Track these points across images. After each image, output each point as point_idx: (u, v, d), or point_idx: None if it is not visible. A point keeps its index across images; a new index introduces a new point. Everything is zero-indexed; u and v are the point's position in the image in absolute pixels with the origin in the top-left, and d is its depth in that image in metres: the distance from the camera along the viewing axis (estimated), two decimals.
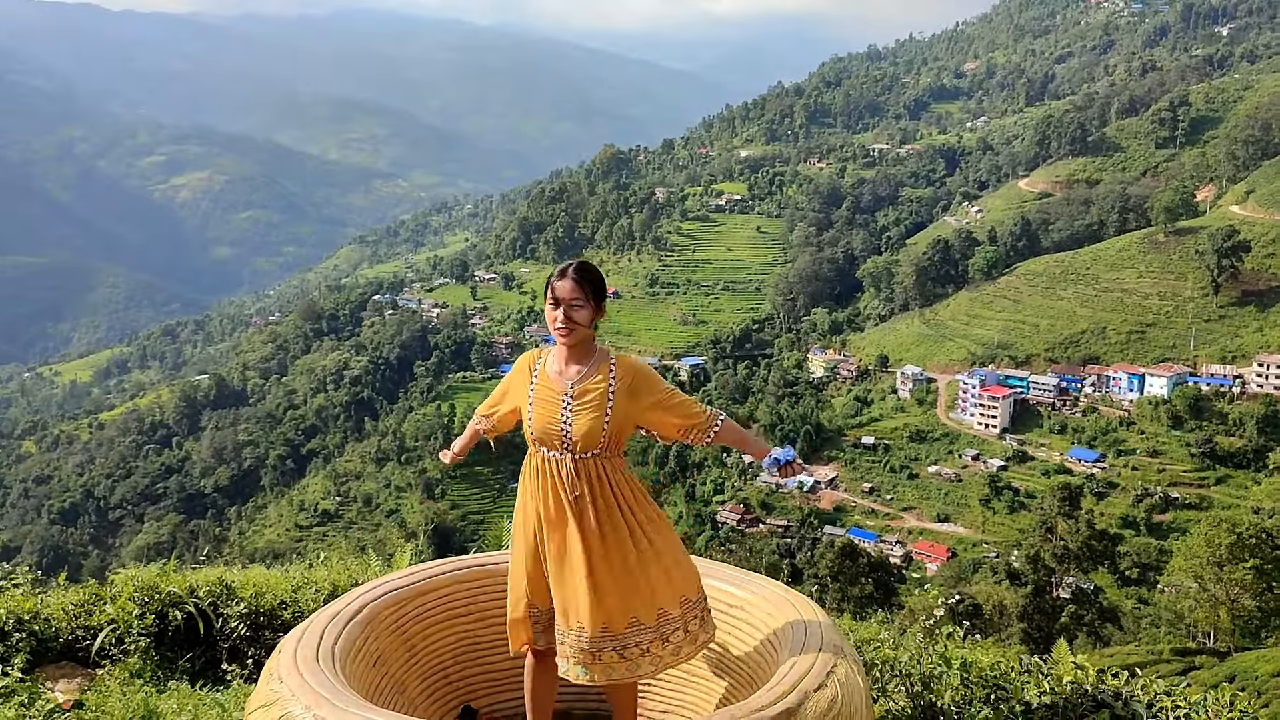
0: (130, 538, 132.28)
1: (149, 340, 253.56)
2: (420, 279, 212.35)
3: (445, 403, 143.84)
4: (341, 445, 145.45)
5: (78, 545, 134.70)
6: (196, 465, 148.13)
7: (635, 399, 4.83)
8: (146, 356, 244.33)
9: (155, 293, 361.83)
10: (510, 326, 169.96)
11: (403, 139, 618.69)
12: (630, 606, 4.58)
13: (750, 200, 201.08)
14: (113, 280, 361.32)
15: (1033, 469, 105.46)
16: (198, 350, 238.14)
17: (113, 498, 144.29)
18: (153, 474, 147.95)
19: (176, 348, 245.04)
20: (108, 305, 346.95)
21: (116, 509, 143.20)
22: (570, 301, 4.89)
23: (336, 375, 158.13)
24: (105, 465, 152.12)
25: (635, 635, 4.57)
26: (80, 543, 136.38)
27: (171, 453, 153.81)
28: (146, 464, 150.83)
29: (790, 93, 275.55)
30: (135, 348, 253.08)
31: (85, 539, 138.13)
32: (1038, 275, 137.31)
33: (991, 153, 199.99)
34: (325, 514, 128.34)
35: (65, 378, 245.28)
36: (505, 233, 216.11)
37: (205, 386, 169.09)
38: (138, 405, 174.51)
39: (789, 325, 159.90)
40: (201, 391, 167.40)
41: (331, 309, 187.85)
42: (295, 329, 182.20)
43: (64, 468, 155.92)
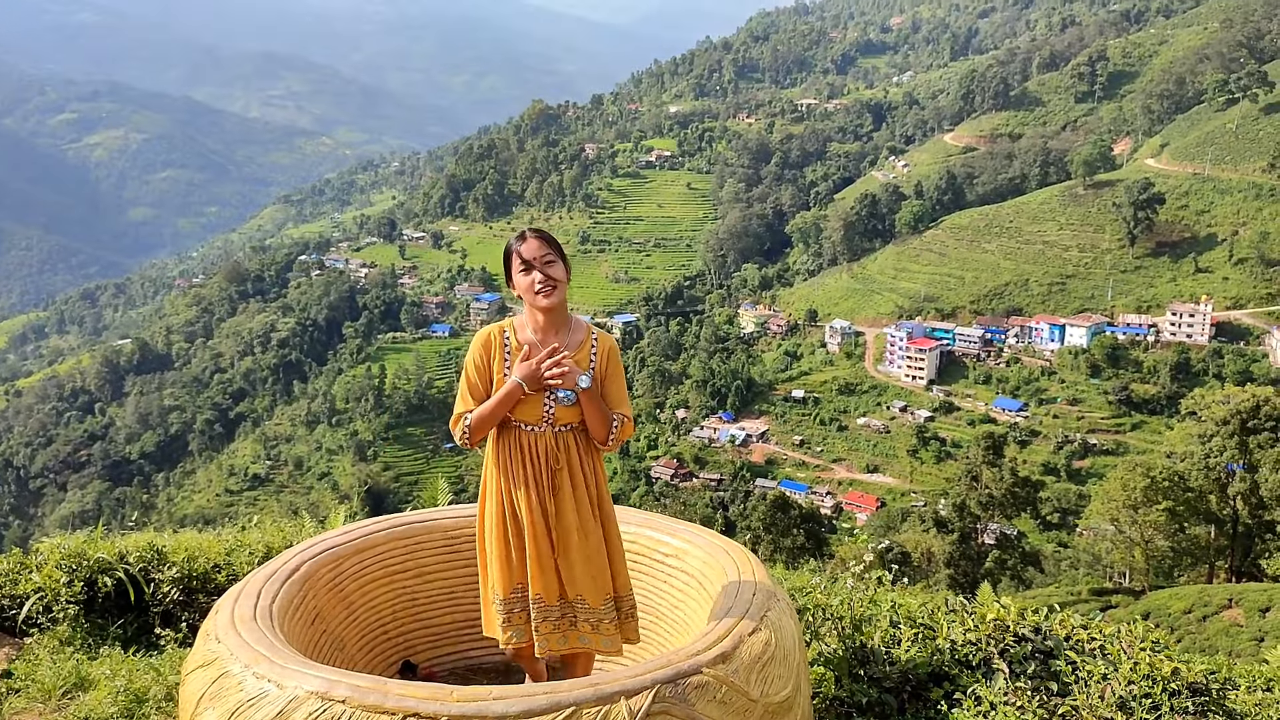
0: (53, 507, 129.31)
1: (67, 305, 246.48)
2: (347, 238, 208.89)
3: (375, 364, 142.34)
4: (271, 408, 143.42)
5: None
6: (121, 432, 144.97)
7: (605, 376, 4.69)
8: (65, 321, 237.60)
9: (71, 255, 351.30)
10: (440, 286, 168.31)
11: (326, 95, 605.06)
12: (600, 585, 4.59)
13: (680, 157, 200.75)
14: (25, 243, 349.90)
15: (959, 419, 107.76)
16: (119, 314, 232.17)
17: (33, 466, 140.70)
18: (75, 441, 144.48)
19: (96, 312, 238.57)
20: (21, 269, 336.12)
21: (38, 478, 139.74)
22: (543, 260, 4.60)
23: (264, 337, 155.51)
24: (24, 434, 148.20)
25: (595, 612, 4.58)
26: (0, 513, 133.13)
27: (94, 419, 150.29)
28: (68, 431, 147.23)
29: (719, 47, 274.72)
30: (52, 312, 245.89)
31: (5, 509, 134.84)
32: (963, 229, 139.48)
33: (917, 107, 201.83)
34: (256, 478, 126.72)
35: None
36: (433, 190, 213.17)
37: (128, 351, 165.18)
38: (57, 372, 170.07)
39: (720, 281, 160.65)
40: (124, 356, 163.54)
41: (257, 270, 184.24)
42: (220, 291, 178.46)
43: None
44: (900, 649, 5.21)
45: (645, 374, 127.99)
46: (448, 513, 5.58)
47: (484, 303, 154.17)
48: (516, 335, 4.69)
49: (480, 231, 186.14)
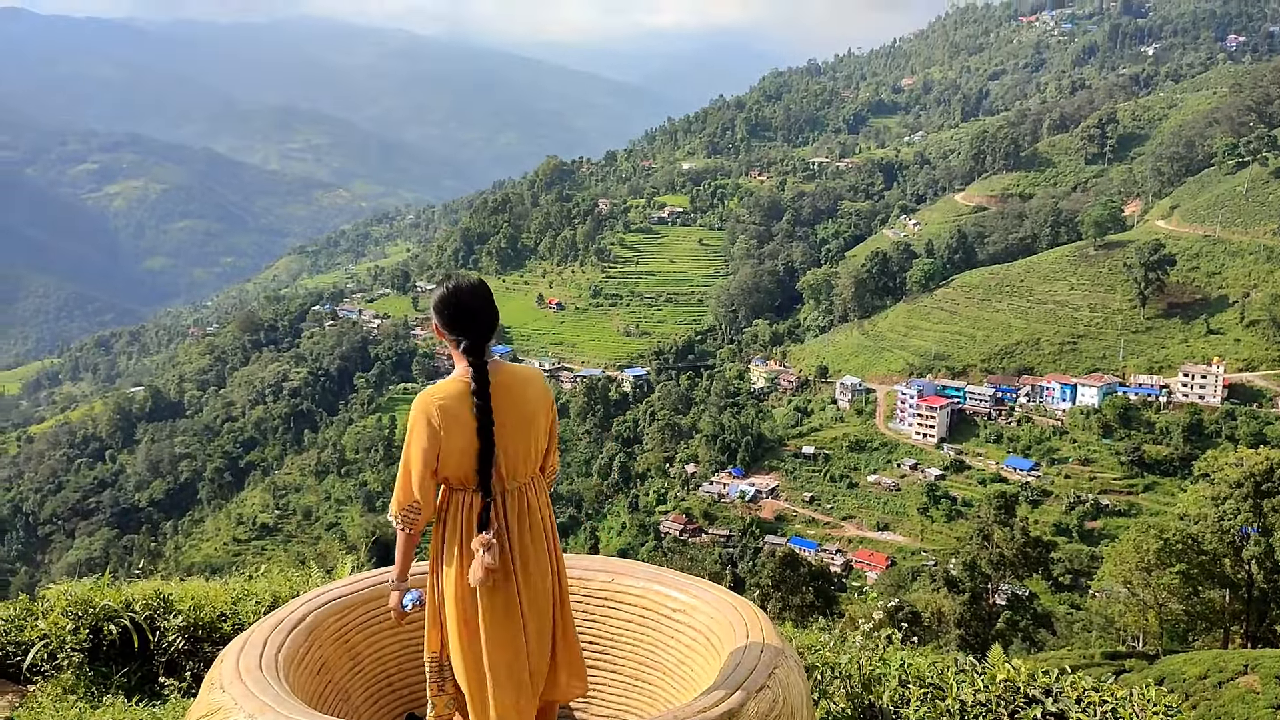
0: (61, 553, 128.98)
1: (81, 351, 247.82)
2: (361, 290, 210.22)
3: (386, 414, 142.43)
4: (281, 458, 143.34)
5: (4, 562, 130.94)
6: (131, 479, 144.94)
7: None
8: (79, 368, 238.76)
9: (87, 303, 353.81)
10: None
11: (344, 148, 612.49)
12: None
13: (692, 213, 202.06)
14: (43, 290, 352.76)
15: (970, 478, 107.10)
16: (132, 362, 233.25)
17: (42, 513, 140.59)
18: (85, 488, 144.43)
19: (110, 359, 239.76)
20: (38, 316, 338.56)
21: (46, 524, 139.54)
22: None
23: (276, 387, 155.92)
24: (35, 480, 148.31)
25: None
26: (7, 559, 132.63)
27: (105, 466, 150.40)
28: (78, 478, 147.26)
29: (731, 106, 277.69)
30: (67, 359, 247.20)
31: (13, 555, 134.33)
32: (974, 287, 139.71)
33: (928, 167, 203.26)
34: (264, 527, 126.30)
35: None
36: (447, 243, 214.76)
37: (140, 399, 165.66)
38: (69, 418, 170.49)
39: (731, 337, 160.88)
40: (136, 404, 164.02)
41: (271, 320, 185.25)
42: (234, 340, 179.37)
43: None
44: (909, 709, 5.16)
45: (655, 428, 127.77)
46: None
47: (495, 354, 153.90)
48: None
49: (493, 284, 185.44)
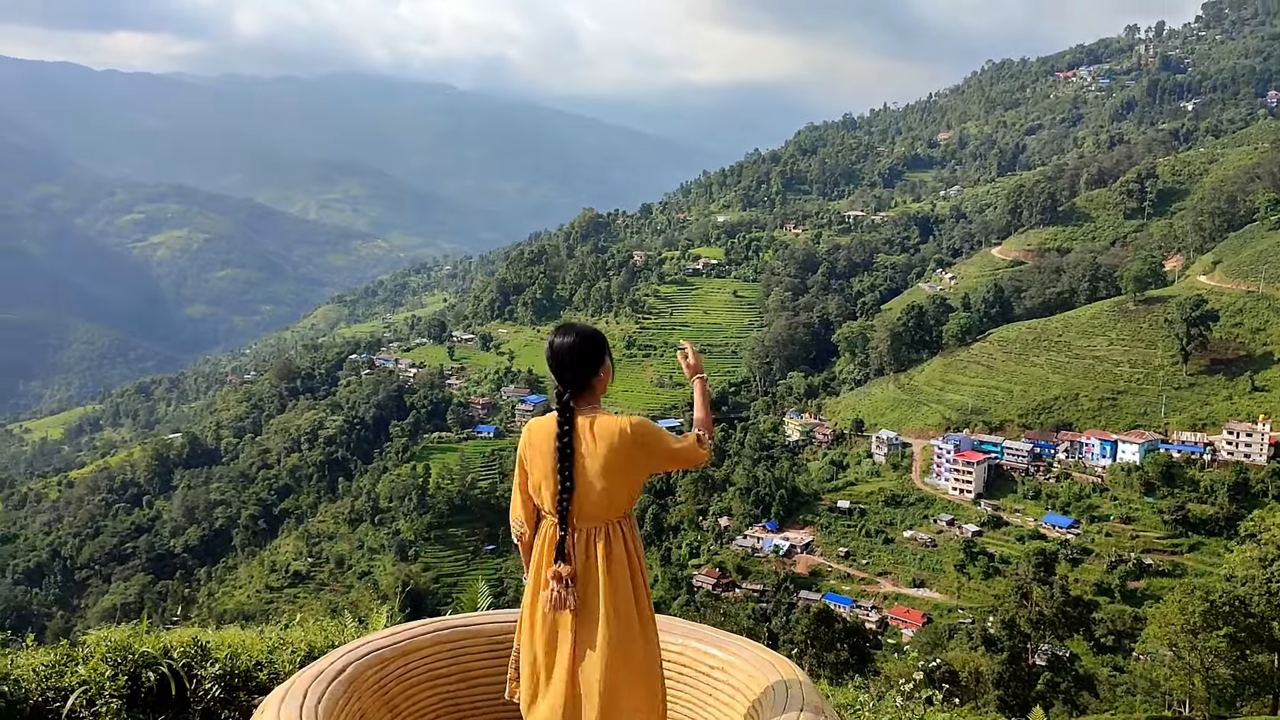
0: (97, 598, 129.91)
1: (122, 398, 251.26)
2: (398, 339, 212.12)
3: (420, 463, 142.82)
4: (315, 505, 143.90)
5: (42, 606, 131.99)
6: (167, 525, 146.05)
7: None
8: (119, 414, 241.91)
9: (129, 350, 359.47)
10: (487, 387, 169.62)
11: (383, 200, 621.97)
12: None
13: (727, 265, 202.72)
14: (87, 337, 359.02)
15: (1007, 534, 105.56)
16: (171, 408, 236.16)
17: (80, 557, 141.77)
18: (122, 533, 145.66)
19: (150, 405, 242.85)
20: (81, 362, 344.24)
21: (84, 569, 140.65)
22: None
23: (311, 434, 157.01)
24: (73, 524, 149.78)
25: None
26: (45, 603, 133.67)
27: (142, 512, 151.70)
28: (116, 523, 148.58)
29: (767, 159, 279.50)
30: (108, 405, 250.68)
31: (50, 599, 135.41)
32: (1011, 342, 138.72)
33: (965, 221, 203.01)
34: (297, 575, 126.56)
35: (35, 435, 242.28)
36: (484, 294, 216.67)
37: (178, 445, 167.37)
38: (109, 463, 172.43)
39: (765, 389, 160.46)
40: (174, 450, 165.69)
41: (308, 368, 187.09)
42: (271, 387, 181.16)
43: (31, 526, 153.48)
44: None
45: (688, 480, 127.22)
46: (492, 617, 5.57)
47: (529, 404, 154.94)
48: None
49: (528, 334, 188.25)
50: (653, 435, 5.39)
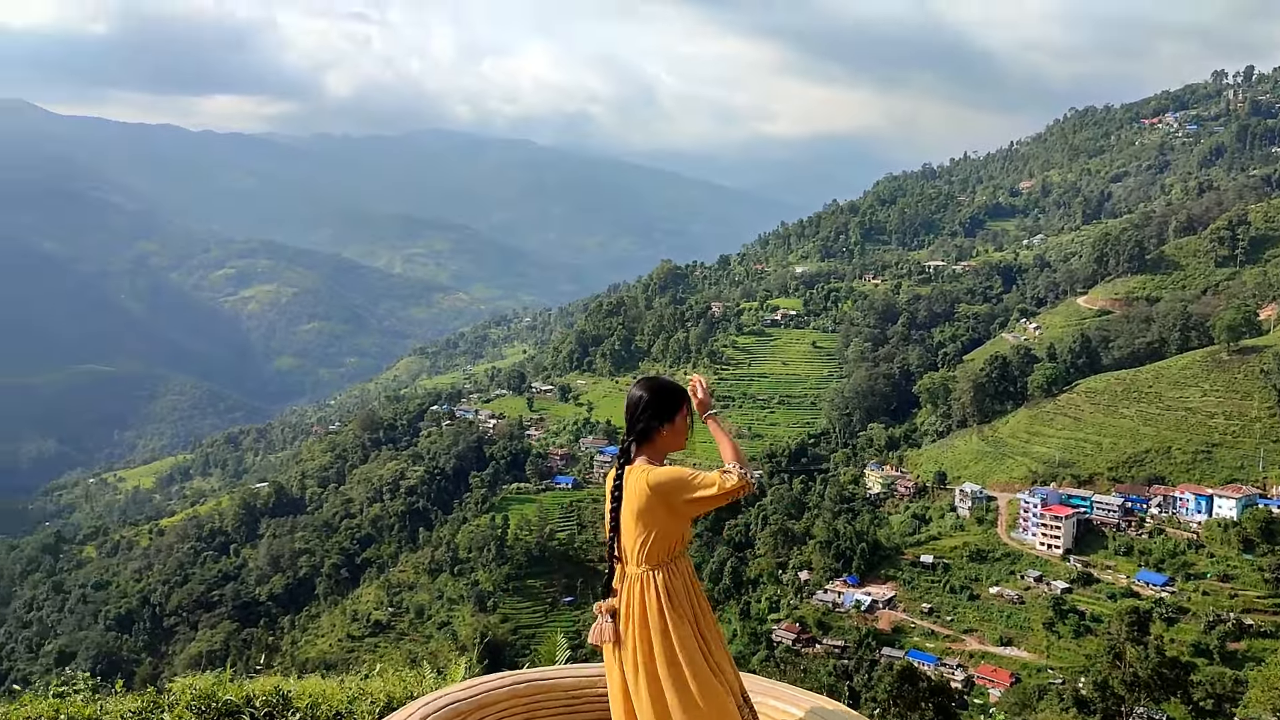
0: (184, 645, 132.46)
1: (212, 447, 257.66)
2: (478, 390, 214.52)
3: (499, 514, 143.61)
4: (396, 555, 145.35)
5: (131, 652, 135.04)
6: (253, 573, 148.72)
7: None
8: (209, 463, 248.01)
9: (219, 401, 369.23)
10: (566, 438, 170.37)
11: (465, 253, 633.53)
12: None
13: (805, 315, 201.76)
14: (179, 389, 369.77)
15: (1098, 592, 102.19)
16: (259, 458, 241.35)
17: (169, 604, 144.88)
18: (209, 581, 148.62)
19: (238, 455, 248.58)
20: (173, 413, 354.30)
21: (172, 616, 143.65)
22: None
23: (393, 485, 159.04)
24: (163, 571, 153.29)
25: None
26: (134, 650, 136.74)
27: (229, 560, 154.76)
28: (203, 571, 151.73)
29: (845, 210, 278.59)
30: (198, 455, 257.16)
31: (139, 646, 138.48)
32: (1099, 393, 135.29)
33: (1049, 270, 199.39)
34: (378, 624, 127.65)
35: (129, 484, 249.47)
36: (563, 345, 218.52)
37: (265, 494, 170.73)
38: (198, 512, 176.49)
39: (845, 440, 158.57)
40: (261, 499, 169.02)
41: (390, 419, 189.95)
42: (354, 438, 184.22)
43: (123, 573, 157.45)
44: None
45: (767, 533, 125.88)
46: (569, 671, 5.59)
47: (607, 455, 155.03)
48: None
49: (606, 385, 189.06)
50: (671, 484, 5.72)
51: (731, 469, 5.72)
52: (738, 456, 5.84)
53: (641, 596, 5.43)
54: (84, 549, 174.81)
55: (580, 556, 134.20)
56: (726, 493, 5.69)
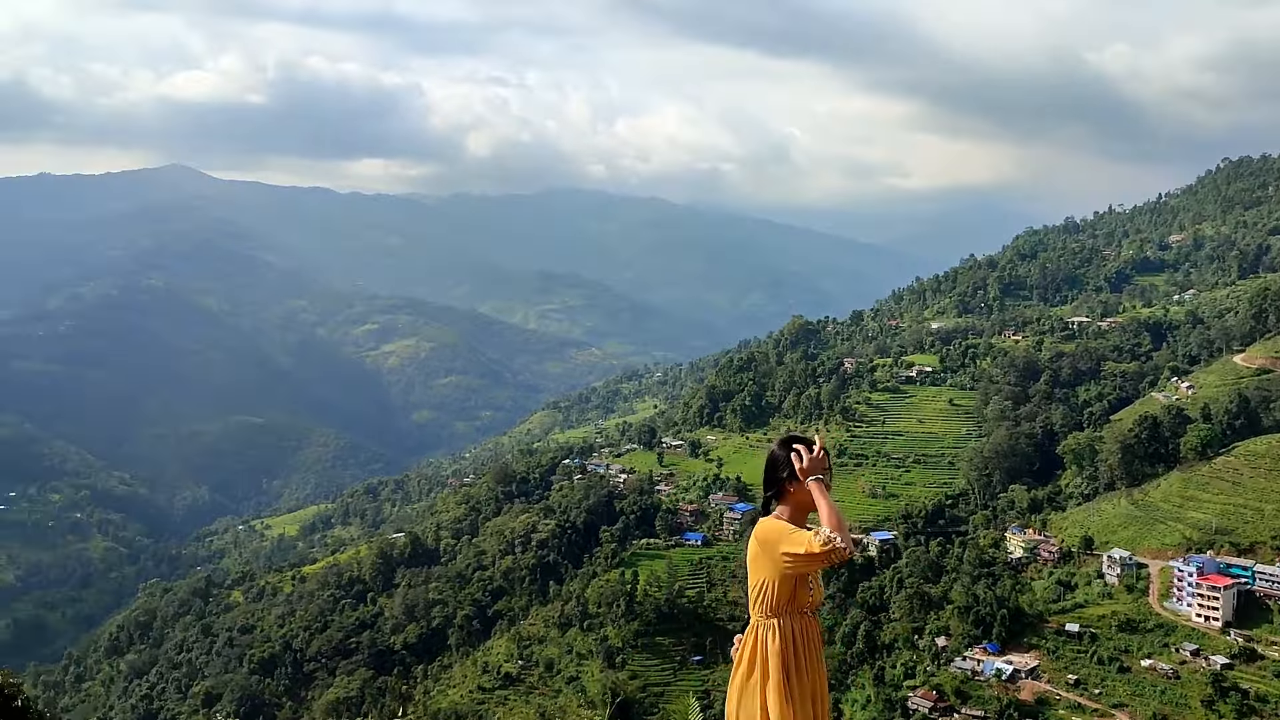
0: (322, 691, 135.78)
1: (352, 498, 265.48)
2: (609, 444, 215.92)
3: (629, 570, 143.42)
4: (527, 608, 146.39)
5: (273, 696, 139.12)
6: (388, 621, 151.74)
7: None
8: (349, 513, 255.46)
9: (360, 452, 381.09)
10: (695, 494, 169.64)
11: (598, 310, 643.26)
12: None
13: (942, 372, 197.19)
14: (323, 440, 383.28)
15: (1263, 669, 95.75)
16: (396, 509, 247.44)
17: (309, 650, 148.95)
18: (347, 628, 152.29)
19: (377, 506, 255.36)
20: (317, 464, 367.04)
21: (311, 661, 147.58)
22: (824, 468, 6.73)
23: (525, 538, 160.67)
24: (304, 617, 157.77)
25: None
26: (275, 694, 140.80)
27: (366, 608, 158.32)
28: (342, 618, 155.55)
29: (983, 265, 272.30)
30: (339, 504, 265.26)
31: (280, 690, 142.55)
32: (1260, 456, 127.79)
33: (1202, 327, 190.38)
34: (508, 677, 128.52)
35: (274, 531, 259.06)
36: (693, 400, 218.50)
37: (401, 544, 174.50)
38: (338, 560, 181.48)
39: (984, 502, 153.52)
40: (397, 549, 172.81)
41: (523, 472, 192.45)
42: (488, 491, 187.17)
43: (267, 618, 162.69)
44: None
45: (903, 596, 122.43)
46: None
47: (737, 512, 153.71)
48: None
49: (736, 441, 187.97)
50: (770, 536, 6.11)
51: (822, 533, 5.94)
52: (832, 522, 6.01)
53: (749, 643, 6.05)
54: (231, 593, 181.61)
55: (710, 615, 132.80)
56: (813, 555, 5.91)
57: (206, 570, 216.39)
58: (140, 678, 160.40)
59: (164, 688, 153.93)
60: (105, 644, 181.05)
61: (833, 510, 6.05)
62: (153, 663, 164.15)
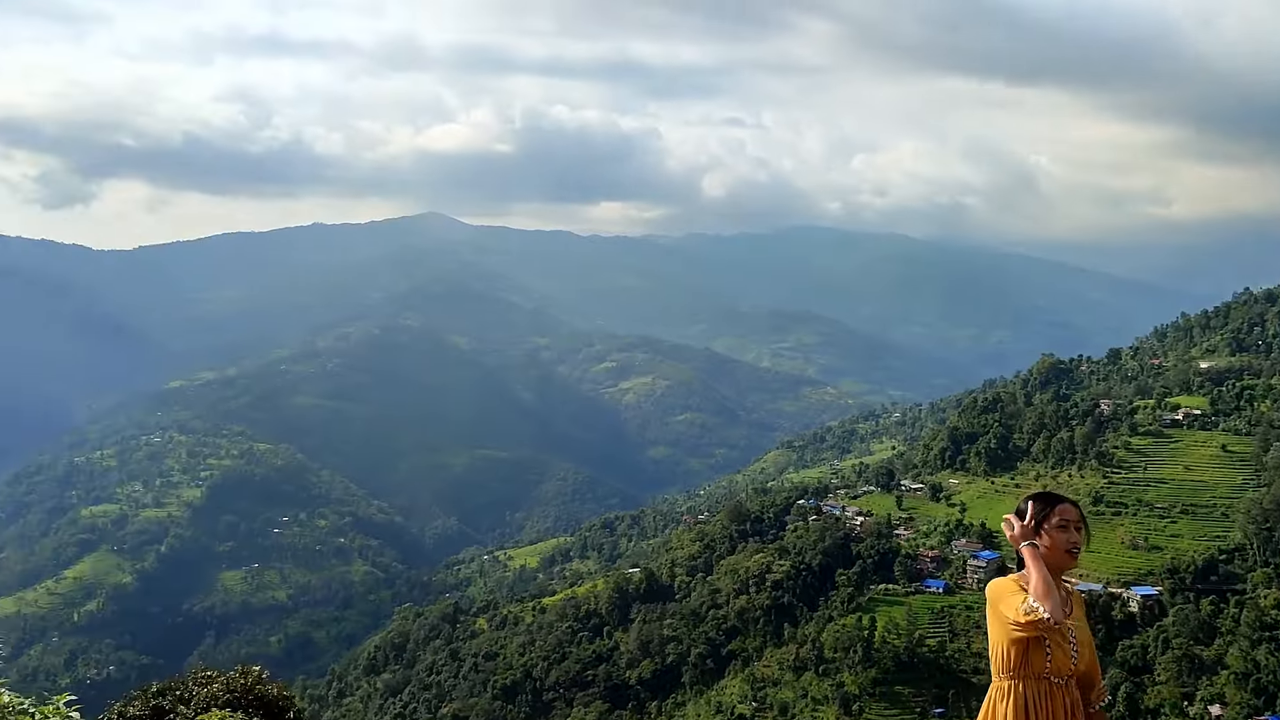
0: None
1: (589, 531, 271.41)
2: (845, 486, 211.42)
3: (866, 615, 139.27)
4: (761, 649, 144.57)
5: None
6: (623, 656, 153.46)
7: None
8: (587, 547, 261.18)
9: (598, 487, 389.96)
10: (936, 539, 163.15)
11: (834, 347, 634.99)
12: None
13: (1213, 415, 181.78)
14: (562, 474, 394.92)
15: None
16: (632, 544, 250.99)
17: (548, 680, 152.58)
18: (584, 660, 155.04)
19: (613, 540, 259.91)
20: (557, 497, 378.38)
21: (550, 691, 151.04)
22: (1077, 525, 6.25)
23: (759, 577, 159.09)
24: (544, 648, 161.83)
25: None
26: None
27: (602, 642, 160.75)
28: (579, 650, 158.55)
29: (1260, 300, 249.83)
30: (577, 538, 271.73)
31: (521, 716, 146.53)
32: None
33: None
34: (741, 718, 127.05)
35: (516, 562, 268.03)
36: (934, 442, 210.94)
37: (636, 580, 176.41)
38: (576, 593, 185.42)
39: (1265, 558, 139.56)
40: (633, 584, 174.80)
41: (757, 511, 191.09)
42: (722, 529, 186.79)
43: (509, 647, 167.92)
44: None
45: (1169, 658, 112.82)
46: None
47: (982, 560, 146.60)
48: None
49: (981, 486, 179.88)
50: (993, 595, 6.15)
51: (1027, 601, 5.92)
52: (1038, 591, 5.96)
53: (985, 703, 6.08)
54: (477, 621, 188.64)
55: (952, 666, 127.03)
56: (1017, 623, 5.85)
57: (454, 597, 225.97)
58: (394, 696, 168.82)
59: (415, 707, 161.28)
60: (364, 662, 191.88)
61: (1040, 578, 6.00)
62: (405, 683, 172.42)
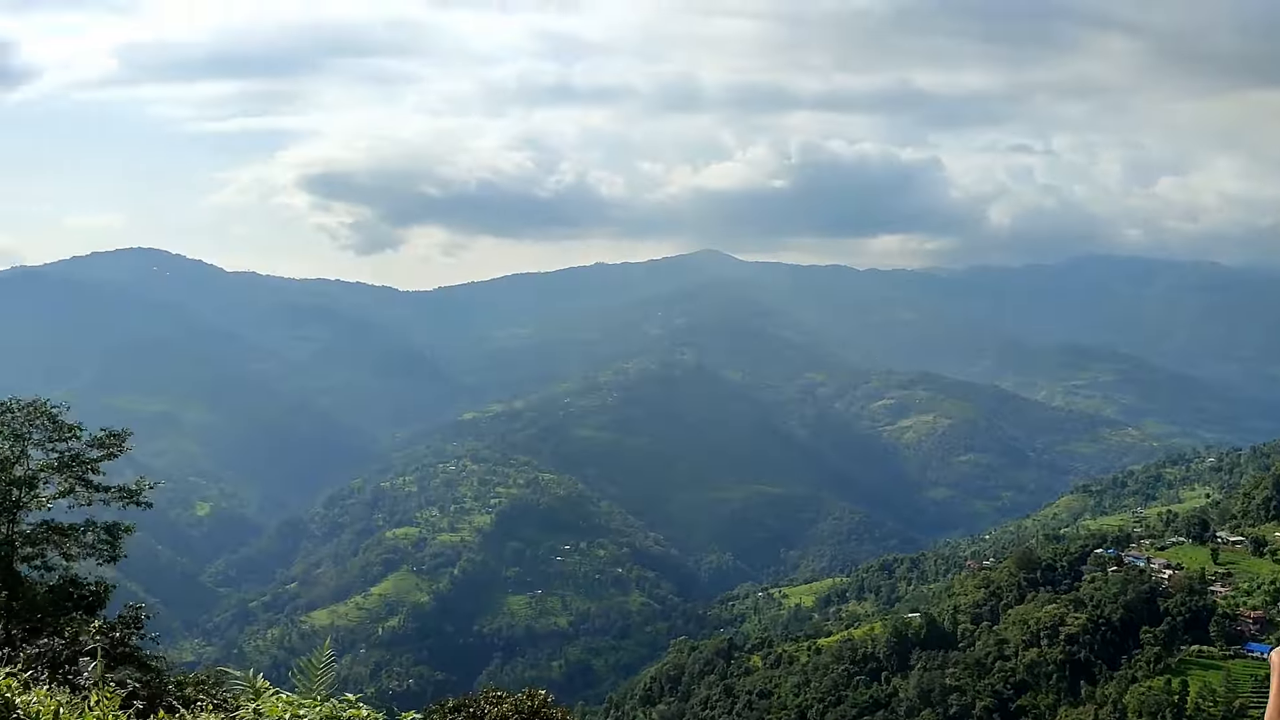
0: None
1: (866, 573, 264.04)
2: (1150, 535, 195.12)
3: (1176, 678, 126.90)
4: (1054, 706, 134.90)
5: None
6: (902, 703, 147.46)
7: None
8: (863, 588, 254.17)
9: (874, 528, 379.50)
10: (1260, 599, 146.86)
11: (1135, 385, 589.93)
12: None
13: None
14: (838, 513, 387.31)
15: None
16: (911, 587, 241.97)
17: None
18: (861, 705, 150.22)
19: (891, 583, 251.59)
20: (833, 536, 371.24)
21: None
22: None
23: (1051, 630, 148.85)
24: (819, 689, 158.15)
25: None
26: None
27: (879, 687, 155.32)
28: (855, 694, 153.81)
29: None
30: (853, 579, 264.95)
31: None
32: None
33: None
34: None
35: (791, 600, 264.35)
36: (1257, 490, 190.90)
37: (916, 625, 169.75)
38: (852, 635, 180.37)
39: None
40: (912, 629, 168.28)
41: (1049, 559, 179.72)
42: (1009, 576, 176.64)
43: (784, 686, 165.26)
44: None
45: None
46: None
47: None
48: None
49: None
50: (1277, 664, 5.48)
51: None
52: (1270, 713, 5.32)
53: None
54: (751, 657, 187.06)
55: None
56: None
57: (729, 633, 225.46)
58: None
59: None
60: (640, 693, 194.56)
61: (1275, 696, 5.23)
62: (680, 715, 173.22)
